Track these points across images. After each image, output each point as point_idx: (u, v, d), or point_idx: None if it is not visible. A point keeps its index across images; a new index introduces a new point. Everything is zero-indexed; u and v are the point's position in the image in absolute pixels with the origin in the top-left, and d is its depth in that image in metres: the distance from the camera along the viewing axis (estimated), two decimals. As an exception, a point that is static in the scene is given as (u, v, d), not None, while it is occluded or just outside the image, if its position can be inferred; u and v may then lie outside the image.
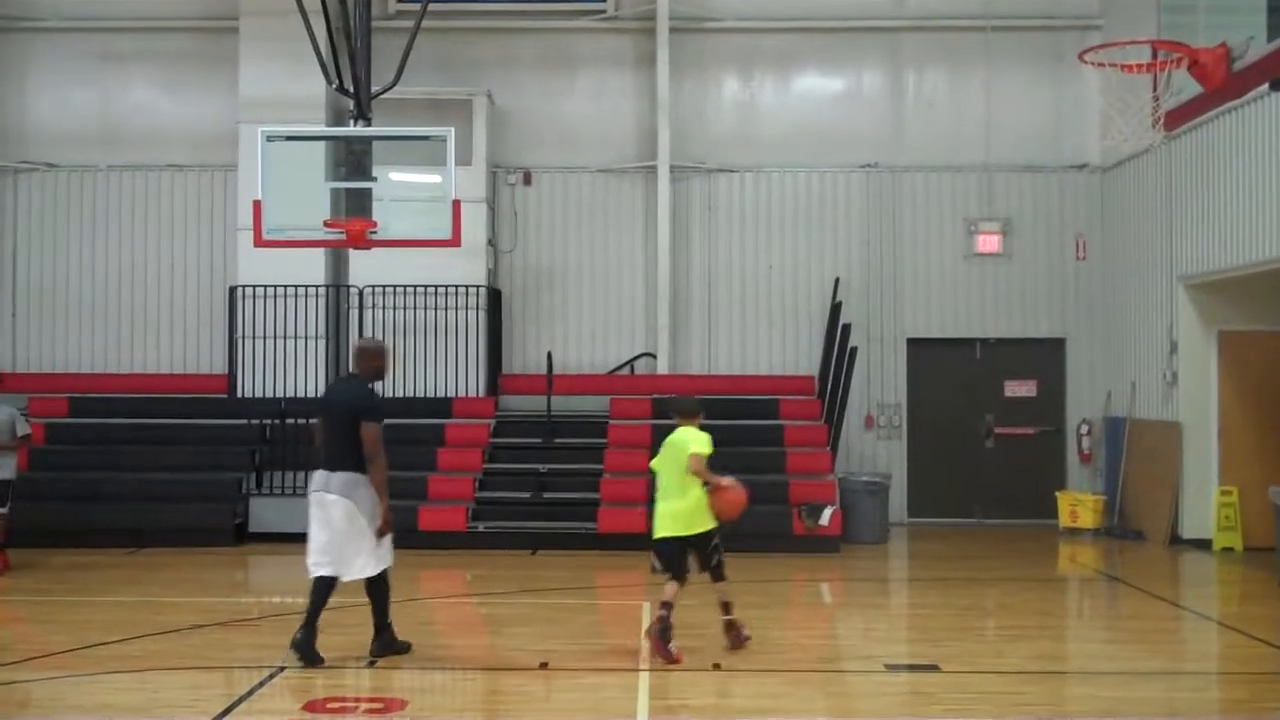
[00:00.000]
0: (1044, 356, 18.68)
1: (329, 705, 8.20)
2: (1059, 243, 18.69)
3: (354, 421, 9.29)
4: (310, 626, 9.32)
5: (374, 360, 9.70)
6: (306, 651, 9.23)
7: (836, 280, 18.43)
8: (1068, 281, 18.66)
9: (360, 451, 9.28)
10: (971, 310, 18.70)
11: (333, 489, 9.36)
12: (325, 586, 9.43)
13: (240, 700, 8.30)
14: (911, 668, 9.51)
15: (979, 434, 18.71)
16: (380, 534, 9.41)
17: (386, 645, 9.60)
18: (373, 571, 9.52)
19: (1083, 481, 18.26)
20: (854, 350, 16.87)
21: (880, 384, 18.71)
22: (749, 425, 16.85)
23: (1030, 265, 18.67)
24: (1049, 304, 18.67)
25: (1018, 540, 16.86)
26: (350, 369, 10.03)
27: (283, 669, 9.09)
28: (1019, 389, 18.73)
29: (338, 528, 9.39)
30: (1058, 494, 17.66)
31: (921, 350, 18.76)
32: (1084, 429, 18.33)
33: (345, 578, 9.50)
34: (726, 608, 9.90)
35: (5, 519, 13.89)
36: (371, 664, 9.38)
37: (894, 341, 18.73)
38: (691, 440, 9.60)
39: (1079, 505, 17.26)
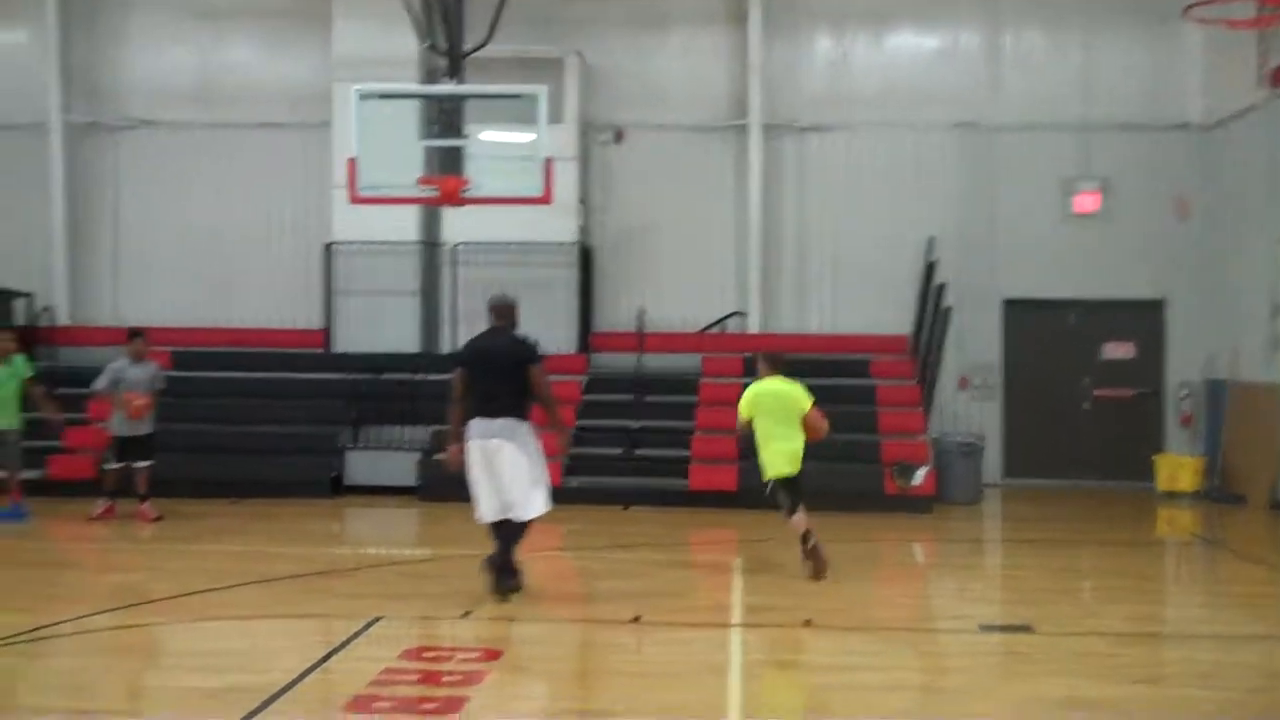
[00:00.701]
0: (1143, 318, 18.37)
1: (425, 654, 8.31)
2: (1159, 203, 18.31)
3: (517, 370, 9.78)
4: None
5: (513, 313, 10.20)
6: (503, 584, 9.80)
7: (930, 239, 18.21)
8: (1167, 242, 18.27)
9: (519, 397, 9.78)
10: (1069, 271, 18.38)
11: (496, 433, 9.69)
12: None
13: (339, 648, 8.44)
14: (1005, 628, 9.42)
15: (1076, 396, 18.47)
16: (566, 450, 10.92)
17: (504, 582, 9.76)
18: (524, 515, 9.82)
19: (1182, 445, 17.95)
20: (948, 310, 16.70)
21: (975, 344, 18.50)
22: (841, 384, 16.70)
23: (1129, 225, 18.30)
24: (1148, 265, 18.30)
25: (1114, 503, 16.64)
26: (491, 323, 10.20)
27: (379, 618, 9.22)
28: (1117, 351, 18.45)
29: (502, 471, 9.71)
30: (1156, 457, 17.39)
31: (1017, 311, 18.52)
32: (1183, 392, 18.03)
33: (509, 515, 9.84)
34: (809, 535, 10.77)
35: (148, 470, 14.27)
36: (466, 614, 9.48)
37: (989, 302, 18.49)
38: (801, 393, 10.93)
39: (1178, 468, 16.99)
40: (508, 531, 9.85)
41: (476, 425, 9.76)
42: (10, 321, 17.49)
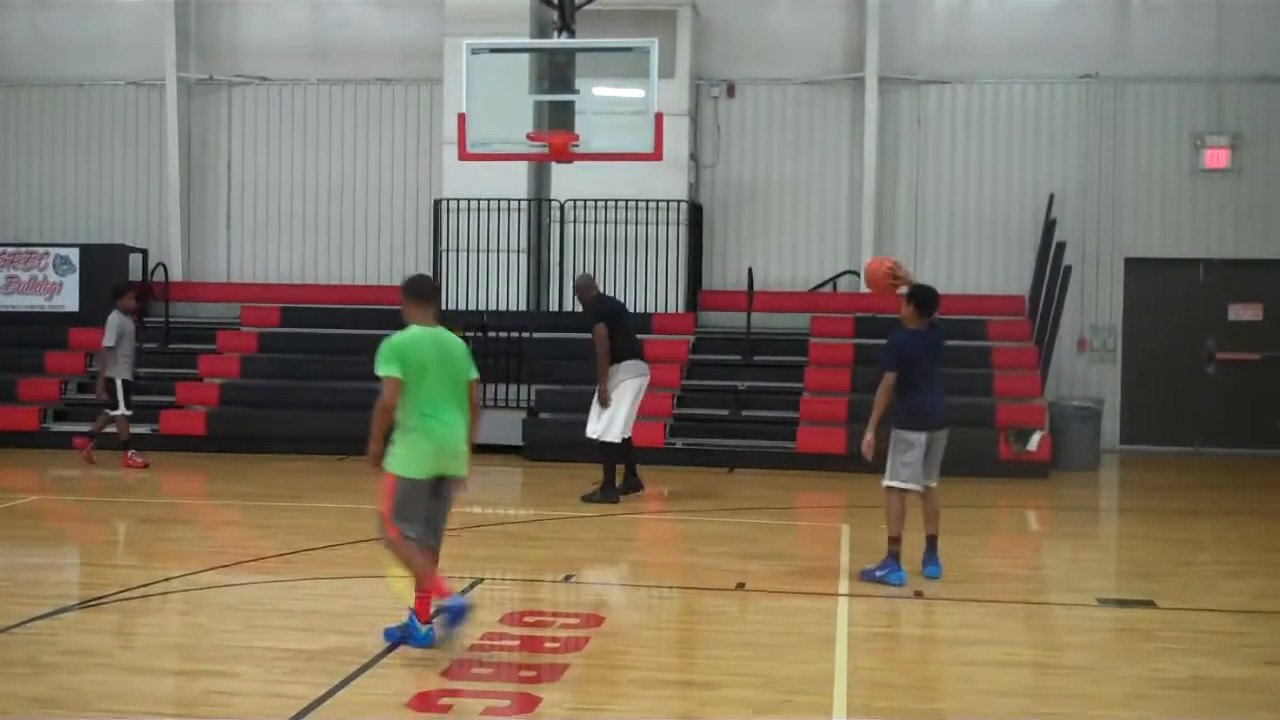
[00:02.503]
0: (1273, 278, 17.67)
1: (525, 619, 8.19)
2: (1293, 159, 17.56)
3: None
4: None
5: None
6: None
7: (1051, 196, 17.64)
8: (1300, 199, 17.55)
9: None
10: (1196, 229, 17.75)
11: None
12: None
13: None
14: (1123, 602, 9.07)
15: (1199, 359, 17.85)
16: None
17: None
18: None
19: (1311, 411, 17.30)
20: (1068, 269, 16.19)
21: (1095, 305, 17.96)
22: (955, 345, 16.22)
23: (1261, 182, 17.59)
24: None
25: (1239, 471, 16.09)
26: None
27: (481, 580, 9.14)
28: (1244, 312, 17.78)
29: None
30: (1283, 423, 16.80)
31: (1140, 270, 17.93)
32: (1314, 356, 17.36)
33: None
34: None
35: None
36: (568, 579, 9.37)
37: (1111, 261, 17.93)
38: None
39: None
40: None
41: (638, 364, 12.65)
42: (126, 277, 17.67)
